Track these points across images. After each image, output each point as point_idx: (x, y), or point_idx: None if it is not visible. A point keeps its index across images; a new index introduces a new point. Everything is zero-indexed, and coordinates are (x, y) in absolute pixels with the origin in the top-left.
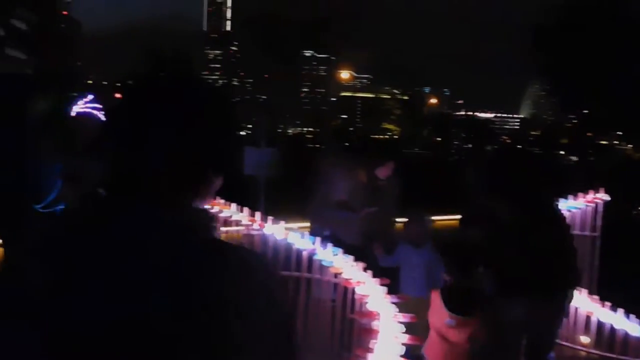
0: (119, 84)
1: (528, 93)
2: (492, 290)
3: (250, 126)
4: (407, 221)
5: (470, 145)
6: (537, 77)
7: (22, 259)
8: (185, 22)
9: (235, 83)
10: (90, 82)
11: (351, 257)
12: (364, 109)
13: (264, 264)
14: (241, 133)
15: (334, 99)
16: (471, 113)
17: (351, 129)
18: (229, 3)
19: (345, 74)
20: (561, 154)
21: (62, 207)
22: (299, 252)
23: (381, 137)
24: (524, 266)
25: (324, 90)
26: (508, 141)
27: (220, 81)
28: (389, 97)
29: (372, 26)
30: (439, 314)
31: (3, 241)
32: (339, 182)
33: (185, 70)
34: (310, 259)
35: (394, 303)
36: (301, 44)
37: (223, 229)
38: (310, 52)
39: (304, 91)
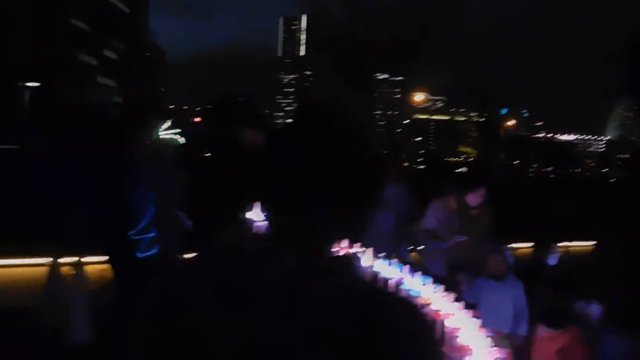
0: (199, 109)
1: (614, 114)
2: (596, 318)
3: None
4: (487, 253)
5: (550, 169)
6: (624, 96)
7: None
8: (261, 49)
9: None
10: (172, 106)
11: (441, 287)
12: (438, 131)
13: None
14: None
15: (407, 121)
16: (551, 135)
17: (422, 151)
18: (304, 29)
19: (419, 96)
20: None
21: (153, 234)
22: (385, 280)
23: (457, 159)
24: (631, 298)
25: (397, 112)
26: (592, 164)
27: (294, 105)
28: (463, 119)
29: (447, 46)
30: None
31: (110, 259)
32: (428, 209)
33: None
34: (397, 287)
35: (488, 337)
36: (375, 67)
37: None
38: (384, 75)
39: (377, 113)
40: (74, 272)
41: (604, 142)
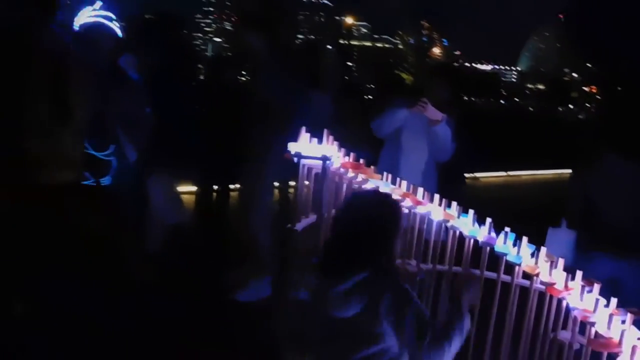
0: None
1: (527, 45)
2: None
3: None
4: None
5: (475, 99)
6: (541, 27)
7: None
8: None
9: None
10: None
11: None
12: (364, 58)
13: None
14: None
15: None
16: (469, 64)
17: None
18: None
19: (348, 20)
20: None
21: None
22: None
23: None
24: None
25: (320, 37)
26: (504, 94)
27: (214, 25)
28: (388, 46)
29: None
30: None
31: None
32: None
33: None
34: (490, 253)
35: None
36: None
37: None
38: None
39: (300, 38)
40: None
41: (514, 72)
